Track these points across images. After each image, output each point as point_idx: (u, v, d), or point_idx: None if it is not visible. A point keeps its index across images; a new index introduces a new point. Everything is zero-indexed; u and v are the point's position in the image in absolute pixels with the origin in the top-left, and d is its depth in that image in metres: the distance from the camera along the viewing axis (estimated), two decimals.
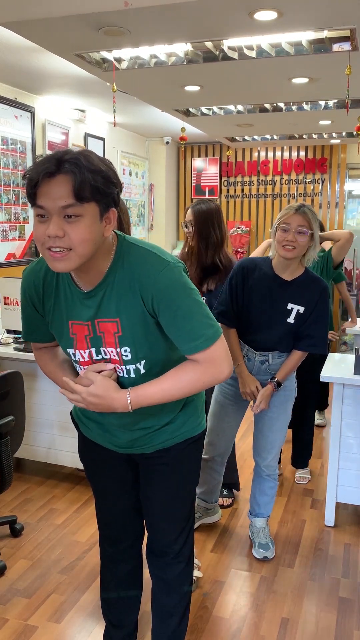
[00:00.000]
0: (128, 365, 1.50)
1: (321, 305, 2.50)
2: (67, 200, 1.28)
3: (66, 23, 2.71)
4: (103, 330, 1.48)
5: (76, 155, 1.29)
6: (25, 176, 1.31)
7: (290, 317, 2.49)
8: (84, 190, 1.28)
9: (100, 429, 1.70)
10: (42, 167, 1.28)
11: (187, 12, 2.57)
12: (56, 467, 3.59)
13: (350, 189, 7.12)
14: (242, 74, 3.64)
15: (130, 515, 1.84)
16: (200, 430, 1.73)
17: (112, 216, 1.37)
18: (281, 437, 2.68)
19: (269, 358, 2.57)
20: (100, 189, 1.31)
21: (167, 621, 1.84)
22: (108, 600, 1.94)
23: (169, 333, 1.46)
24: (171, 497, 1.74)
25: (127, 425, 1.63)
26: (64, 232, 1.30)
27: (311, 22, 2.73)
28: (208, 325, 1.44)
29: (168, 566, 1.80)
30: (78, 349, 1.53)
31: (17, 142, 4.83)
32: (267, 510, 2.77)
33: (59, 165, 1.27)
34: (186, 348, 1.45)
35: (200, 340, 1.42)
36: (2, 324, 3.53)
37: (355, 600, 2.42)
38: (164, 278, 1.40)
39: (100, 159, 1.34)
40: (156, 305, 1.41)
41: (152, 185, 7.22)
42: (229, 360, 1.48)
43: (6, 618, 2.27)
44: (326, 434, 4.30)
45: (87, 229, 1.31)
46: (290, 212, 2.41)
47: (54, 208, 1.29)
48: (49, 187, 1.28)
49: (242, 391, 2.60)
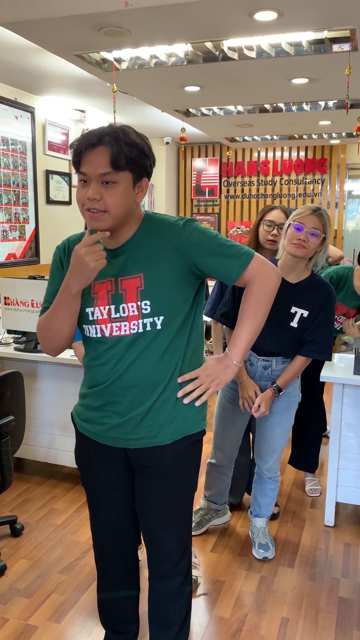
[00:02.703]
0: (145, 319, 1.57)
1: (326, 310, 2.44)
2: (105, 169, 1.46)
3: (66, 23, 2.71)
4: (125, 287, 1.58)
5: (116, 129, 1.48)
6: (71, 146, 1.52)
7: (293, 321, 2.44)
8: (120, 160, 1.46)
9: (97, 411, 1.67)
10: (86, 139, 1.47)
11: (187, 13, 2.57)
12: (56, 467, 3.60)
13: (350, 189, 7.12)
14: (242, 75, 3.64)
15: (125, 527, 1.81)
16: (200, 429, 1.71)
17: (144, 185, 1.55)
18: (283, 442, 2.65)
19: (272, 364, 2.52)
20: (134, 160, 1.48)
21: (166, 630, 1.81)
22: (105, 601, 1.91)
23: (213, 269, 1.59)
24: (168, 504, 1.71)
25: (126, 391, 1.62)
26: (101, 195, 1.47)
27: (311, 23, 2.73)
28: (240, 247, 1.61)
29: (167, 578, 1.77)
30: (98, 306, 1.60)
31: (18, 142, 4.83)
32: (267, 510, 2.77)
33: (100, 138, 1.46)
34: (235, 270, 1.58)
35: (244, 258, 1.58)
36: (2, 324, 3.53)
37: (355, 600, 2.42)
38: (188, 229, 1.58)
39: (137, 134, 1.52)
40: (191, 251, 1.56)
41: (152, 185, 7.22)
42: (272, 265, 1.63)
43: (6, 618, 2.27)
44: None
45: (121, 194, 1.49)
46: (307, 212, 2.36)
47: (94, 174, 1.47)
48: (91, 156, 1.46)
49: (241, 395, 2.55)
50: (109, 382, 1.63)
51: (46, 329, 1.65)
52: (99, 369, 1.64)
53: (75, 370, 3.24)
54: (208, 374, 1.66)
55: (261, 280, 1.60)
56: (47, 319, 1.64)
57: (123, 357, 1.59)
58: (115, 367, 1.61)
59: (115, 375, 1.61)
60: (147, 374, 1.60)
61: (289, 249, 2.38)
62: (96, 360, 1.65)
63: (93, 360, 1.66)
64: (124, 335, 1.58)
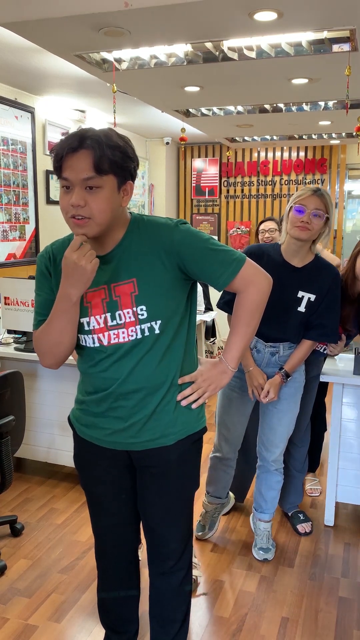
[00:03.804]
0: (143, 325, 1.55)
1: (333, 292, 2.41)
2: (88, 173, 1.41)
3: (66, 23, 2.71)
4: (119, 293, 1.55)
5: (97, 133, 1.43)
6: (52, 151, 1.46)
7: (301, 305, 2.40)
8: (103, 164, 1.41)
9: (98, 417, 1.66)
10: (66, 143, 1.42)
11: (187, 13, 2.57)
12: (56, 467, 3.60)
13: (350, 189, 7.12)
14: (242, 75, 3.64)
15: (126, 527, 1.81)
16: (201, 427, 1.72)
17: (129, 188, 1.51)
18: (290, 430, 2.61)
19: (279, 349, 2.49)
20: (118, 163, 1.44)
21: (168, 627, 1.82)
22: (106, 601, 1.91)
23: (203, 274, 1.56)
24: (172, 502, 1.72)
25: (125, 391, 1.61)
26: (85, 201, 1.43)
27: (311, 23, 2.73)
28: (232, 252, 1.58)
29: (169, 574, 1.78)
30: (93, 315, 1.57)
31: (18, 142, 4.83)
32: (273, 505, 2.71)
33: (82, 142, 1.41)
34: (225, 278, 1.55)
35: (234, 264, 1.55)
36: (2, 324, 3.53)
37: (355, 600, 2.42)
38: (179, 231, 1.55)
39: (119, 136, 1.47)
40: (181, 254, 1.53)
41: (152, 185, 7.22)
42: (263, 272, 1.61)
43: (6, 617, 2.27)
44: (326, 434, 4.29)
45: (106, 199, 1.45)
46: (308, 193, 2.32)
47: (77, 180, 1.42)
48: (73, 161, 1.42)
49: (249, 384, 2.50)
50: (111, 388, 1.60)
51: (46, 343, 1.58)
52: (98, 375, 1.62)
53: (75, 370, 3.21)
54: (205, 378, 1.67)
55: (253, 288, 1.58)
56: (46, 333, 1.57)
57: (123, 364, 1.57)
58: (116, 373, 1.58)
59: (117, 382, 1.59)
60: (149, 378, 1.58)
61: (293, 232, 2.34)
62: (95, 368, 1.62)
63: (91, 368, 1.63)
64: (122, 343, 1.56)
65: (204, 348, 5.29)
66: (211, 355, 5.38)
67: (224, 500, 2.86)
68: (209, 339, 5.46)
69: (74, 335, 1.57)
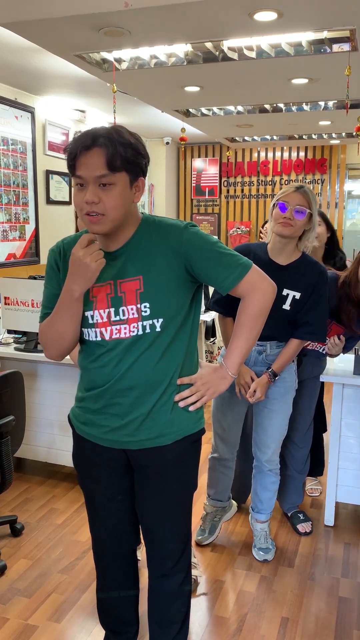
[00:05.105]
0: (145, 322, 1.57)
1: (319, 290, 2.41)
2: (101, 171, 1.44)
3: (66, 23, 2.71)
4: (124, 290, 1.57)
5: (109, 131, 1.47)
6: (65, 150, 1.49)
7: (286, 303, 2.40)
8: (116, 161, 1.44)
9: (96, 414, 1.67)
10: (79, 141, 1.46)
11: (187, 13, 2.57)
12: (56, 467, 3.60)
13: (350, 189, 7.13)
14: (242, 75, 3.64)
15: (124, 528, 1.80)
16: (199, 427, 1.72)
17: (141, 184, 1.54)
18: (282, 431, 2.61)
19: (266, 348, 2.49)
20: (130, 160, 1.47)
21: (167, 629, 1.81)
22: (105, 602, 1.90)
23: (208, 276, 1.58)
24: (169, 503, 1.71)
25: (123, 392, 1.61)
26: (99, 198, 1.46)
27: (311, 23, 2.74)
28: (239, 257, 1.60)
29: (168, 576, 1.77)
30: (97, 309, 1.59)
31: (18, 142, 4.83)
32: (269, 505, 2.71)
33: (94, 140, 1.44)
34: (230, 281, 1.57)
35: (239, 270, 1.57)
36: (2, 324, 3.53)
37: (355, 600, 2.42)
38: (188, 233, 1.58)
39: (130, 133, 1.50)
40: (189, 255, 1.55)
41: (152, 185, 7.23)
42: (268, 278, 1.62)
43: (6, 617, 2.27)
44: (326, 434, 4.30)
45: (119, 195, 1.48)
46: (290, 190, 2.33)
47: (90, 177, 1.46)
48: (86, 159, 1.45)
49: (237, 382, 2.50)
50: (108, 384, 1.62)
51: (50, 335, 1.63)
52: (97, 371, 1.63)
53: (75, 370, 3.24)
54: (204, 382, 1.67)
55: (257, 294, 1.60)
56: (50, 325, 1.62)
57: (123, 359, 1.59)
58: (115, 369, 1.60)
59: (115, 377, 1.60)
60: (147, 375, 1.59)
61: (276, 229, 2.35)
62: (95, 363, 1.63)
63: (91, 363, 1.65)
64: (123, 338, 1.58)
65: (204, 348, 5.29)
66: (211, 355, 5.37)
67: (225, 504, 2.85)
68: (209, 339, 5.46)
69: (76, 328, 1.61)
